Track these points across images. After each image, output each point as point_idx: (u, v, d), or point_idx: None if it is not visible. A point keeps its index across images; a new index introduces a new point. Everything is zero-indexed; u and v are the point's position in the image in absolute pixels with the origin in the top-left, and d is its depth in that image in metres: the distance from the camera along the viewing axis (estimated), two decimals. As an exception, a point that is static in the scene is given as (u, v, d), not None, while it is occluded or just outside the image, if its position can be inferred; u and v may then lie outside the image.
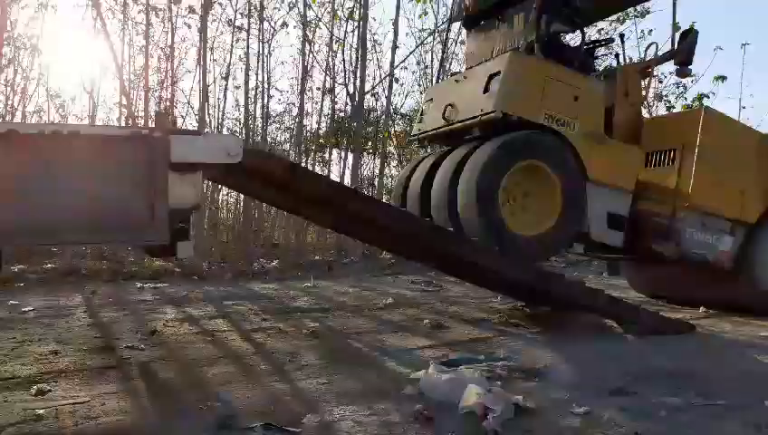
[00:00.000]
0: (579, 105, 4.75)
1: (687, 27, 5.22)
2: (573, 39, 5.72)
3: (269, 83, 12.72)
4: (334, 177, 12.58)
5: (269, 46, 12.58)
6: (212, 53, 12.60)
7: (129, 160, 2.83)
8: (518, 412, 2.85)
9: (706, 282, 5.68)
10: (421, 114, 5.76)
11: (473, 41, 5.66)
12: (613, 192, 4.89)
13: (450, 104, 5.05)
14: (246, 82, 12.26)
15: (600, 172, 4.79)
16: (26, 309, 5.51)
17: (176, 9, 11.84)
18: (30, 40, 11.17)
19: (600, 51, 5.91)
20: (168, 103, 12.25)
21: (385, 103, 12.71)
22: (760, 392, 3.21)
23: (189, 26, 12.19)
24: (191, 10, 12.06)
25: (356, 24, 11.93)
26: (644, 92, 5.49)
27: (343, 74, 12.33)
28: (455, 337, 4.57)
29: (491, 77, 4.65)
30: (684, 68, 5.23)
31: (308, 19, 12.36)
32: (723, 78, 12.91)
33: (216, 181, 3.70)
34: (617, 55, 5.89)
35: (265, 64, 12.56)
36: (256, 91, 12.62)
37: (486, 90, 4.64)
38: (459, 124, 4.92)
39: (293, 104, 13.86)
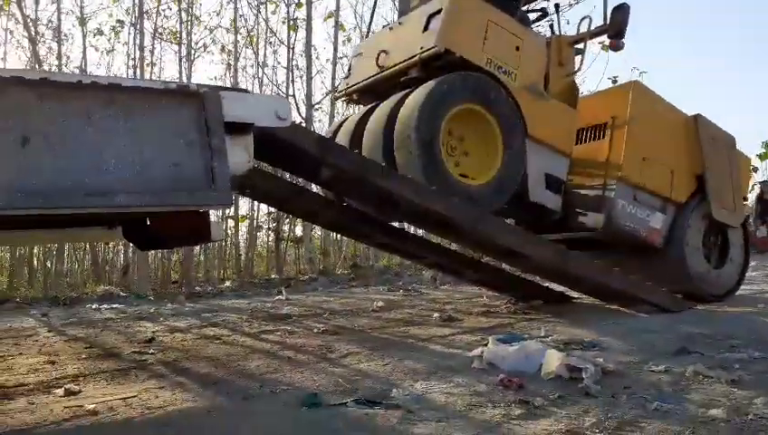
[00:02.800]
0: (520, 56, 4.57)
1: (620, 2, 5.12)
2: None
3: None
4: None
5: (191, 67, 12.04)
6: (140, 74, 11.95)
7: (178, 118, 2.54)
8: (603, 373, 2.78)
9: (638, 268, 5.40)
10: (349, 70, 5.33)
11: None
12: (551, 153, 4.73)
13: (384, 51, 4.69)
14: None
15: (540, 130, 4.60)
16: (-21, 332, 4.84)
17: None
18: None
19: (534, 22, 5.66)
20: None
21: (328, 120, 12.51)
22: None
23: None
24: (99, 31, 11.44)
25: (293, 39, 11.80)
26: (579, 65, 5.34)
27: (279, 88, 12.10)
28: (474, 325, 4.45)
29: (431, 16, 4.36)
30: (617, 41, 5.19)
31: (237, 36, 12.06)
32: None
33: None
34: (551, 26, 5.74)
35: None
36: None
37: (426, 28, 4.35)
38: (395, 67, 4.55)
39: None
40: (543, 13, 5.59)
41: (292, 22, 11.86)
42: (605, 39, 5.42)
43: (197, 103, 2.55)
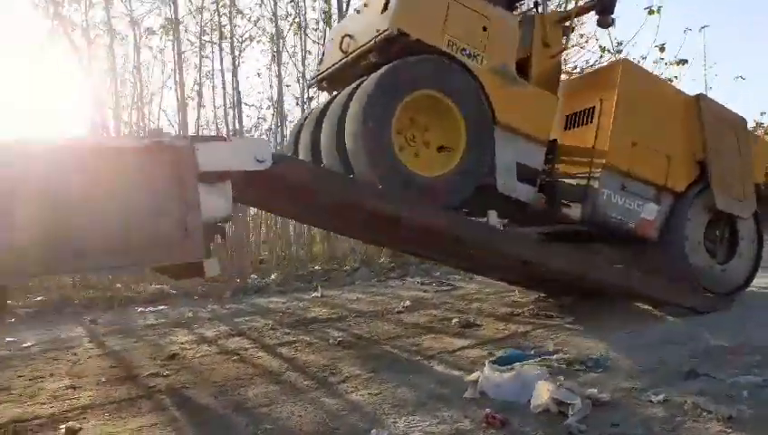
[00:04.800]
0: (488, 36, 4.19)
1: None
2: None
3: (240, 99, 12.50)
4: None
5: (237, 60, 12.36)
6: (180, 72, 12.34)
7: (153, 173, 2.60)
8: (594, 406, 2.68)
9: (635, 263, 5.06)
10: (322, 56, 5.10)
11: None
12: (524, 141, 4.34)
13: (348, 35, 4.43)
14: (224, 96, 12.10)
15: (510, 116, 4.24)
16: (27, 344, 5.17)
17: (137, 30, 11.65)
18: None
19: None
20: (140, 125, 11.96)
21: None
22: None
23: (151, 48, 12.04)
24: (151, 31, 11.85)
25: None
26: (567, 43, 4.99)
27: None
28: (490, 334, 4.38)
29: None
30: (605, 17, 4.81)
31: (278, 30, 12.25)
32: (684, 61, 12.82)
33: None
34: (536, 3, 5.31)
35: (236, 79, 12.36)
36: (227, 108, 12.44)
37: (385, 9, 4.04)
38: (356, 53, 4.29)
39: (263, 118, 13.70)
40: None
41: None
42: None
43: (171, 157, 2.59)
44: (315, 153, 4.42)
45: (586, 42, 12.65)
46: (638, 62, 12.03)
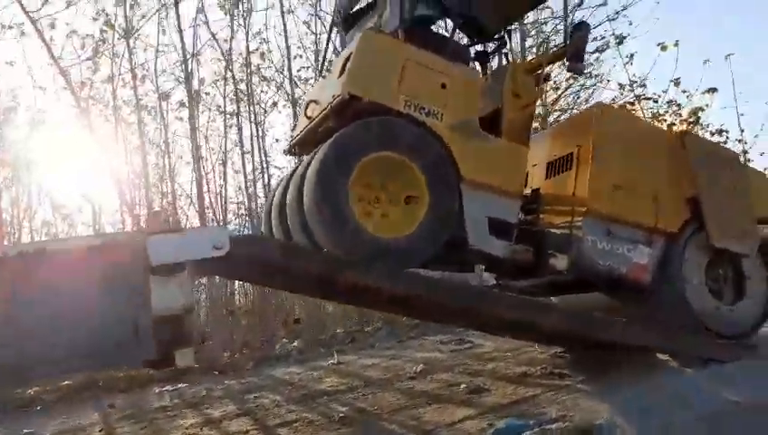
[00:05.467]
0: (447, 94, 4.08)
1: (579, 21, 4.78)
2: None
3: (267, 163, 12.78)
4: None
5: (262, 127, 12.73)
6: (207, 142, 12.72)
7: (102, 272, 2.58)
8: (587, 488, 2.47)
9: (633, 312, 4.82)
10: (295, 122, 5.18)
11: (349, 40, 4.99)
12: (494, 195, 4.17)
13: (313, 100, 4.43)
14: (244, 166, 12.36)
15: (477, 171, 4.08)
16: (40, 437, 5.18)
17: (166, 104, 12.12)
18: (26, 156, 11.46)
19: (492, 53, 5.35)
20: (169, 199, 12.27)
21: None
22: None
23: (181, 119, 12.43)
24: (181, 104, 12.30)
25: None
26: (539, 93, 4.92)
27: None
28: (497, 400, 4.18)
29: (346, 60, 4.03)
30: (574, 64, 4.69)
31: (296, 97, 12.57)
32: (714, 90, 12.59)
33: (207, 274, 3.35)
34: (506, 54, 5.34)
35: (261, 145, 12.68)
36: (254, 174, 12.66)
37: (341, 73, 4.01)
38: (317, 118, 4.25)
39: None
40: (501, 42, 5.17)
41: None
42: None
43: (121, 255, 2.57)
44: (283, 223, 4.36)
45: (600, 81, 12.61)
46: (659, 96, 11.95)
